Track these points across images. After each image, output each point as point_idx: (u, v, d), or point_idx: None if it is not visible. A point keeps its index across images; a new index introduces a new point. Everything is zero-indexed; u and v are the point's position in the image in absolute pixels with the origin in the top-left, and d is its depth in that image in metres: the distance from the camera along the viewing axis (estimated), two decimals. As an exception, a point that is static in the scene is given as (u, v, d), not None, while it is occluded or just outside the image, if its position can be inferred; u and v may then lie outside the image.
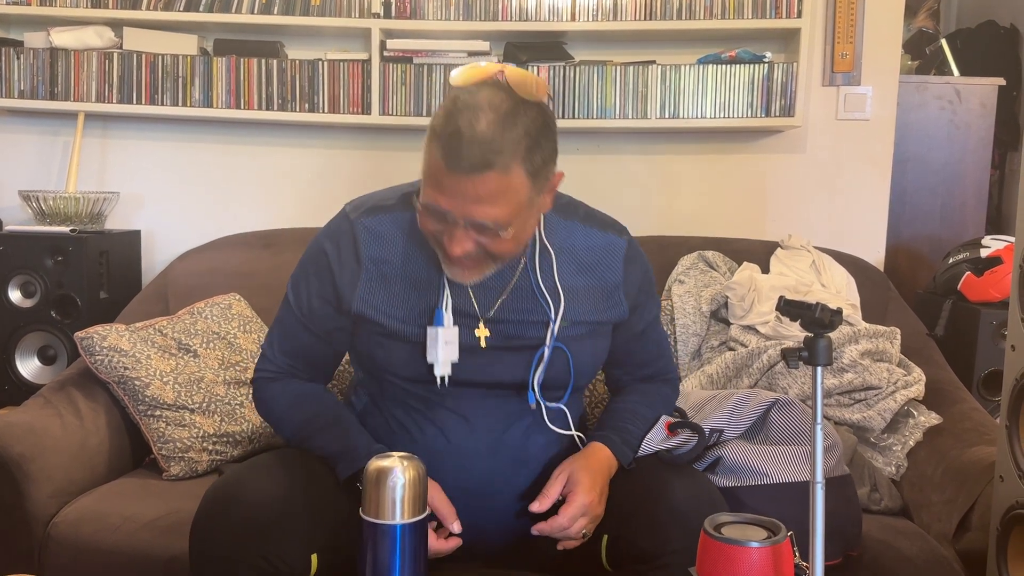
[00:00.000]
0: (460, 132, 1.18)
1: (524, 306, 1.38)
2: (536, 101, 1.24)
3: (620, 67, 2.35)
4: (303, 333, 1.44)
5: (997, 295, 2.23)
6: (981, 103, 2.90)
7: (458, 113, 1.19)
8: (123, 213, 2.56)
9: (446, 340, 1.34)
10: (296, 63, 2.39)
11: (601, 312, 1.43)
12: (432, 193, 1.23)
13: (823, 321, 1.02)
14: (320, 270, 1.41)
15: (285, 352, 1.46)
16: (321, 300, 1.41)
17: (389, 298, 1.37)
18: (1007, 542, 1.44)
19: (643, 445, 1.46)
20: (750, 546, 1.00)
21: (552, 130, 1.26)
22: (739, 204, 2.53)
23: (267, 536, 1.25)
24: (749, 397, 1.62)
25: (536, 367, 1.37)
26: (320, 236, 1.44)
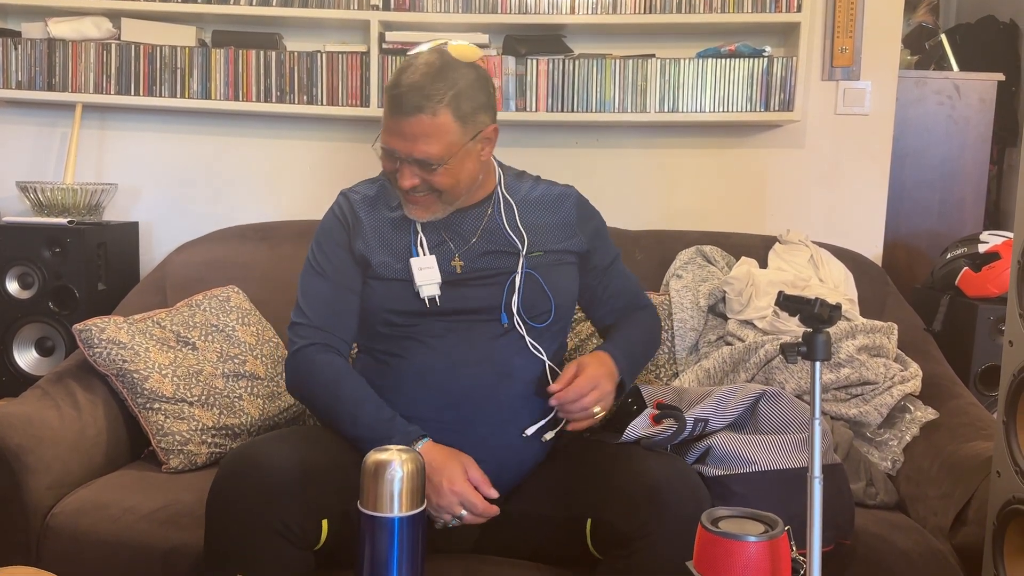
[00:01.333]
0: (399, 84, 1.46)
1: (494, 243, 1.59)
2: (468, 62, 1.50)
3: (619, 60, 2.34)
4: (331, 288, 1.59)
5: (995, 290, 2.24)
6: (980, 98, 2.90)
7: (400, 71, 1.48)
8: (121, 205, 2.56)
9: (421, 267, 1.55)
10: (295, 55, 2.39)
11: (562, 241, 1.64)
12: (384, 137, 1.50)
13: (822, 316, 1.02)
14: (333, 230, 1.63)
15: (319, 315, 1.57)
16: (341, 250, 1.60)
17: (379, 246, 1.58)
18: (1003, 537, 1.45)
19: (628, 431, 1.53)
20: (747, 540, 1.01)
21: (484, 87, 1.52)
22: (737, 198, 2.53)
23: (281, 500, 1.32)
24: (736, 389, 1.63)
25: (509, 289, 1.56)
26: (326, 213, 1.68)
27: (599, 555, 1.40)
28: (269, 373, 2.04)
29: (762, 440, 1.56)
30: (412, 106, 1.44)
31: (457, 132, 1.48)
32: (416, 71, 1.46)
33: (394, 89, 1.47)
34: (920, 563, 1.56)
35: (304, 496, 1.34)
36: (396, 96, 1.46)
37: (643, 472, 1.40)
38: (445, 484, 1.39)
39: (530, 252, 1.59)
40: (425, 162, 1.47)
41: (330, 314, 1.58)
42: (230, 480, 1.36)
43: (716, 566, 1.01)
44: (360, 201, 1.64)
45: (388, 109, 1.48)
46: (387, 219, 1.61)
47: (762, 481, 1.51)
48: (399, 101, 1.45)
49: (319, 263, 1.61)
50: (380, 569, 1.12)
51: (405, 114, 1.45)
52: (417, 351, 1.54)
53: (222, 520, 1.35)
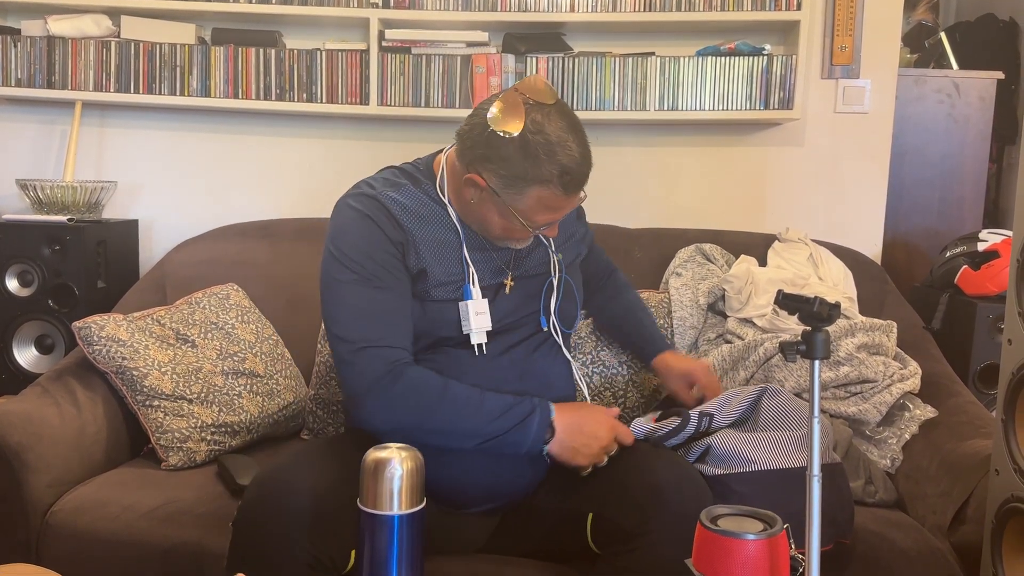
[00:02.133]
0: (568, 168, 1.38)
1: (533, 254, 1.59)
2: (553, 98, 1.41)
3: (619, 59, 2.34)
4: (394, 300, 1.44)
5: (994, 289, 2.24)
6: (980, 96, 2.90)
7: (552, 155, 1.36)
8: (121, 202, 2.56)
9: (477, 311, 1.48)
10: (294, 53, 2.39)
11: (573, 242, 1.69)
12: (548, 216, 1.43)
13: (821, 315, 1.02)
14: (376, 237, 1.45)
15: (391, 331, 1.42)
16: (393, 259, 1.46)
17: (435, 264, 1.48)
18: (1002, 535, 1.45)
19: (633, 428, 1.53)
20: (746, 538, 1.01)
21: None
22: (737, 197, 2.53)
23: (314, 530, 1.28)
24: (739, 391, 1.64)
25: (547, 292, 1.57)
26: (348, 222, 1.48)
27: (599, 551, 1.41)
28: (268, 371, 2.04)
29: (762, 439, 1.56)
30: (587, 176, 1.42)
31: None
32: (569, 146, 1.37)
33: (565, 177, 1.37)
34: (919, 561, 1.56)
35: (330, 526, 1.30)
36: (571, 181, 1.39)
37: (646, 470, 1.40)
38: (603, 431, 1.45)
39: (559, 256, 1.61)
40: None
41: (402, 329, 1.45)
42: (258, 505, 1.31)
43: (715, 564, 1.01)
44: (399, 209, 1.48)
45: (562, 195, 1.39)
46: (434, 233, 1.50)
47: (762, 480, 1.51)
48: (576, 183, 1.40)
49: (372, 272, 1.43)
50: (380, 567, 1.12)
51: (583, 185, 1.42)
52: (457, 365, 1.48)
53: (249, 543, 1.31)
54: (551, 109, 1.39)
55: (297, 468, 1.35)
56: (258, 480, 1.35)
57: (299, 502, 1.29)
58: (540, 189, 1.38)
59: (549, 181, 1.37)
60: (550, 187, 1.38)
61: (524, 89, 1.39)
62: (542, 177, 1.37)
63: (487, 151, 1.39)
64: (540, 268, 1.59)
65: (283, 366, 2.09)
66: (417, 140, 2.51)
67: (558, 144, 1.36)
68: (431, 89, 2.36)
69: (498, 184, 1.40)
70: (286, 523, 1.28)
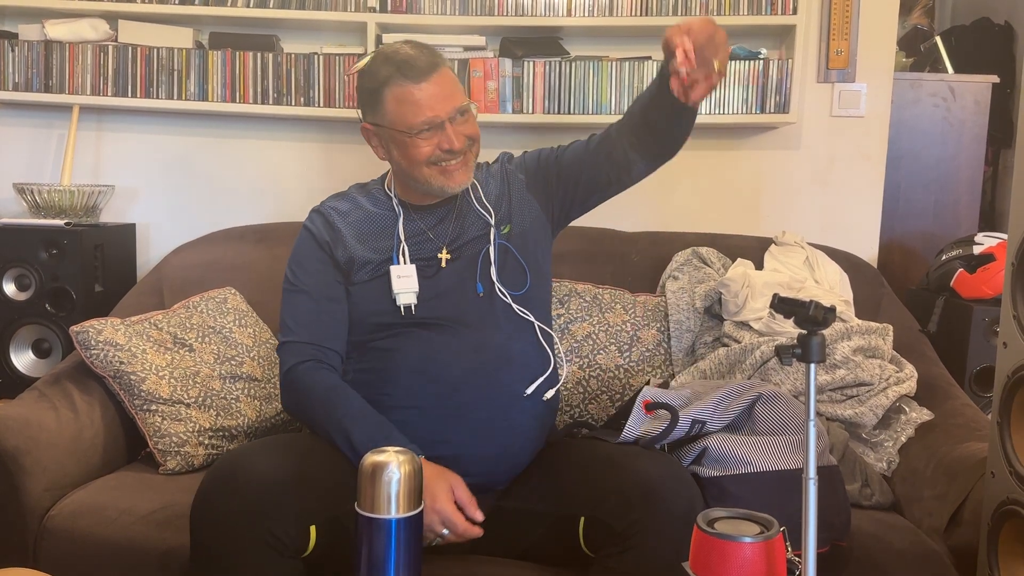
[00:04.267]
0: (404, 58, 1.51)
1: (472, 227, 1.63)
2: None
3: (616, 63, 2.35)
4: (314, 302, 1.60)
5: (990, 292, 2.25)
6: (975, 100, 2.91)
7: (388, 56, 1.53)
8: (118, 206, 2.56)
9: (400, 275, 1.57)
10: (292, 57, 2.39)
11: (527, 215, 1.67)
12: (416, 113, 1.51)
13: (817, 318, 1.02)
14: (308, 246, 1.65)
15: (306, 330, 1.58)
16: (320, 264, 1.62)
17: (363, 249, 1.61)
18: (998, 537, 1.46)
19: (626, 431, 1.54)
20: (743, 541, 1.01)
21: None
22: (733, 200, 2.54)
23: (267, 509, 1.32)
24: (736, 392, 1.64)
25: (484, 262, 1.59)
26: (299, 235, 1.69)
27: (591, 553, 1.41)
28: (266, 375, 2.04)
29: (758, 441, 1.56)
30: (429, 64, 1.51)
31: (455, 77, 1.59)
32: (400, 49, 1.53)
33: (405, 64, 1.50)
34: (915, 563, 1.57)
35: (290, 504, 1.33)
36: (408, 68, 1.50)
37: (637, 471, 1.40)
38: (428, 502, 1.38)
39: (500, 226, 1.64)
40: (464, 108, 1.54)
41: (317, 327, 1.58)
42: (214, 490, 1.35)
43: (712, 567, 1.02)
44: (335, 214, 1.65)
45: (409, 82, 1.50)
46: (364, 225, 1.64)
47: (758, 482, 1.52)
48: (415, 68, 1.50)
49: (298, 280, 1.62)
50: (377, 571, 1.13)
51: (428, 72, 1.50)
52: (408, 343, 1.55)
53: (208, 530, 1.34)
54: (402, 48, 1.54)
55: (250, 454, 1.40)
56: (212, 468, 1.40)
57: (251, 485, 1.33)
58: (387, 90, 1.51)
59: (390, 78, 1.51)
60: (392, 83, 1.50)
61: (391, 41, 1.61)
62: (384, 81, 1.51)
63: (358, 98, 1.61)
64: (479, 240, 1.62)
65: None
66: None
67: (390, 51, 1.54)
68: (428, 93, 2.36)
69: (367, 114, 1.58)
70: (243, 503, 1.31)
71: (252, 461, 1.37)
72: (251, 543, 1.31)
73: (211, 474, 1.38)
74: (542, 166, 1.71)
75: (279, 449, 1.44)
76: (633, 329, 2.07)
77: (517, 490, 1.55)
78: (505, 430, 1.53)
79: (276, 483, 1.34)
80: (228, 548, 1.32)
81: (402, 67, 1.50)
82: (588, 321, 2.08)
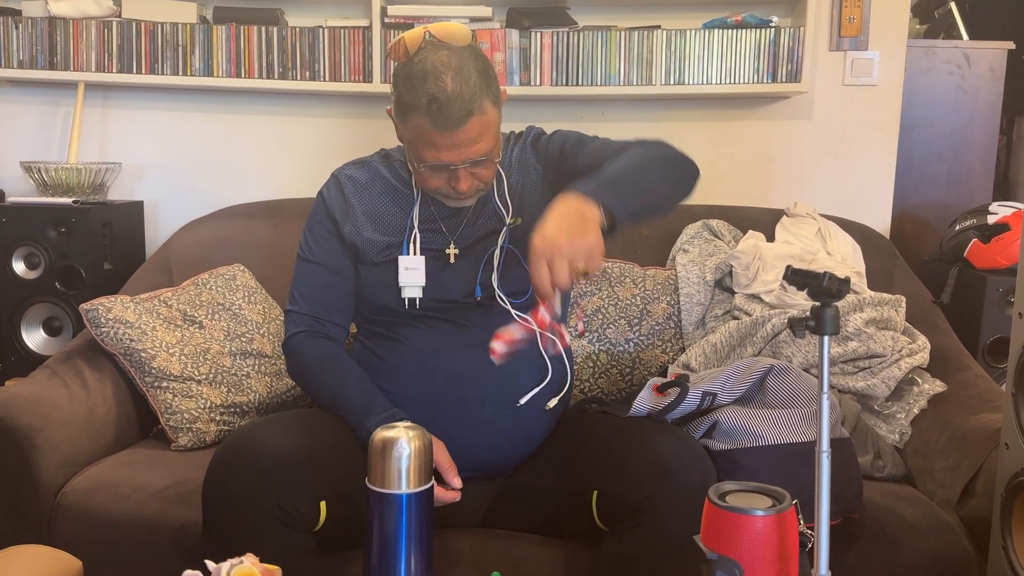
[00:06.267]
0: (436, 98, 1.37)
1: (486, 222, 1.57)
2: (468, 45, 1.44)
3: (624, 32, 2.32)
4: (320, 273, 1.59)
5: (1004, 262, 2.22)
6: (990, 67, 2.87)
7: (422, 83, 1.39)
8: (125, 184, 2.56)
9: (407, 267, 1.54)
10: (296, 31, 2.37)
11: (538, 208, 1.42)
12: (430, 153, 1.43)
13: (830, 290, 1.01)
14: (320, 214, 1.62)
15: (309, 302, 1.58)
16: (328, 234, 1.60)
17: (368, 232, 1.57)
18: (1011, 509, 1.45)
19: (636, 405, 1.53)
20: (755, 515, 1.00)
21: (485, 56, 1.47)
22: (744, 172, 2.51)
23: (279, 484, 1.32)
24: (746, 365, 1.63)
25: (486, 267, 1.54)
26: (317, 195, 1.66)
27: (605, 527, 1.41)
28: (276, 351, 2.04)
29: (769, 414, 1.56)
30: (462, 115, 1.38)
31: (497, 115, 1.46)
32: (443, 77, 1.37)
33: (432, 106, 1.37)
34: (928, 535, 1.56)
35: (299, 479, 1.34)
36: (438, 112, 1.37)
37: (650, 445, 1.40)
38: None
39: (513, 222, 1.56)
40: (483, 158, 1.44)
41: (321, 299, 1.58)
42: (225, 464, 1.36)
43: (723, 540, 1.01)
44: (351, 185, 1.61)
45: (433, 127, 1.39)
46: (379, 203, 1.59)
47: (769, 455, 1.51)
48: (445, 116, 1.37)
49: (309, 249, 1.61)
50: (389, 546, 1.13)
51: (455, 125, 1.38)
52: (414, 334, 1.54)
53: (218, 505, 1.35)
54: (448, 48, 1.41)
55: (260, 429, 1.40)
56: (223, 443, 1.40)
57: (263, 458, 1.33)
58: (415, 117, 1.40)
59: (419, 108, 1.39)
60: (422, 116, 1.39)
61: (436, 29, 1.43)
62: (415, 103, 1.39)
63: (392, 80, 1.48)
64: (489, 238, 1.56)
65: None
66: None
67: (432, 73, 1.38)
68: (435, 66, 2.34)
69: (395, 112, 1.47)
70: (253, 478, 1.32)
71: (263, 436, 1.37)
72: (262, 517, 1.31)
73: (222, 449, 1.39)
74: (562, 161, 1.58)
75: (290, 424, 1.44)
76: (643, 303, 2.06)
77: (529, 466, 1.55)
78: (508, 429, 1.51)
79: (286, 458, 1.34)
80: (239, 522, 1.32)
81: (432, 108, 1.37)
82: (598, 295, 2.07)
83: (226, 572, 1.02)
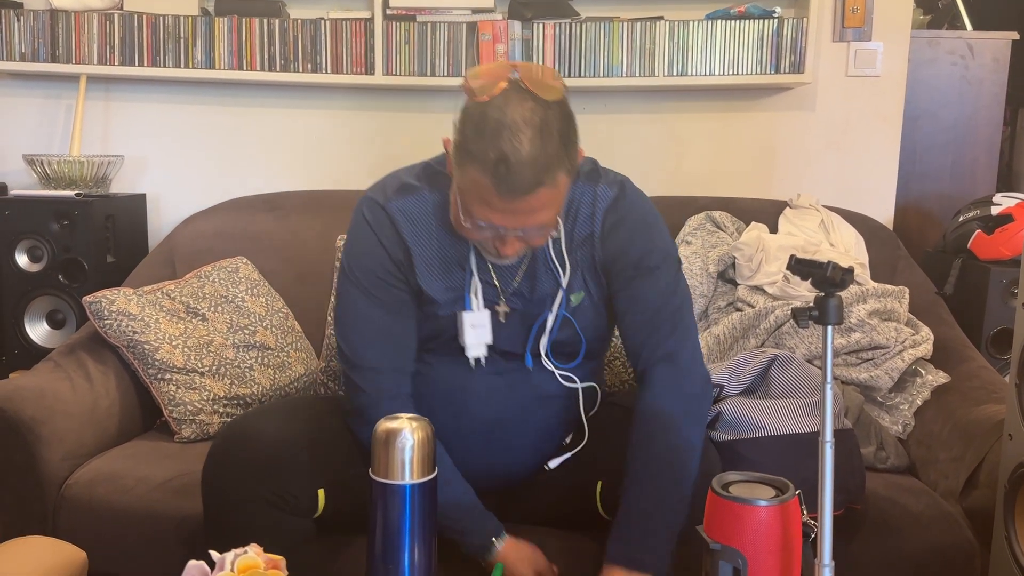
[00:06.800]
0: (507, 158, 1.18)
1: (540, 279, 1.42)
2: (558, 95, 1.24)
3: (627, 23, 2.31)
4: (389, 320, 1.40)
5: (1008, 253, 2.22)
6: (994, 58, 2.85)
7: (497, 136, 1.20)
8: (128, 176, 2.55)
9: (473, 324, 1.39)
10: (298, 23, 2.36)
11: (596, 288, 1.43)
12: (483, 212, 1.25)
13: (834, 280, 1.01)
14: (377, 254, 1.40)
15: (378, 353, 1.41)
16: (393, 279, 1.40)
17: (429, 278, 1.41)
18: (1015, 500, 1.45)
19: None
20: (758, 505, 1.01)
21: (572, 117, 1.27)
22: (747, 163, 2.51)
23: (277, 472, 1.32)
24: (751, 356, 1.63)
25: (537, 332, 1.42)
26: (356, 230, 1.43)
27: (609, 517, 1.41)
28: (279, 343, 2.04)
29: (773, 405, 1.56)
30: (531, 184, 1.20)
31: (568, 184, 1.29)
32: (520, 136, 1.19)
33: (500, 167, 1.19)
34: (931, 526, 1.56)
35: (298, 467, 1.34)
36: (505, 175, 1.19)
37: None
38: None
39: (571, 293, 1.42)
40: (539, 230, 1.29)
41: (395, 352, 1.41)
42: (223, 455, 1.36)
43: (726, 530, 1.01)
44: (405, 221, 1.40)
45: (494, 188, 1.21)
46: (436, 246, 1.41)
47: (772, 446, 1.51)
48: (511, 182, 1.19)
49: (369, 289, 1.40)
50: (392, 536, 1.13)
51: (520, 194, 1.20)
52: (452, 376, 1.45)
53: (218, 494, 1.36)
54: (534, 99, 1.22)
55: (259, 417, 1.40)
56: (220, 434, 1.40)
57: (260, 447, 1.33)
58: (475, 169, 1.21)
59: (484, 162, 1.20)
60: (484, 171, 1.20)
61: (525, 72, 1.24)
62: (479, 154, 1.20)
63: (460, 113, 1.28)
64: (542, 301, 1.42)
65: (294, 339, 2.09)
66: (423, 110, 2.49)
67: (509, 128, 1.19)
68: (436, 57, 2.34)
69: (453, 150, 1.28)
70: (248, 468, 1.32)
71: (260, 425, 1.38)
72: (261, 505, 1.32)
73: (219, 439, 1.39)
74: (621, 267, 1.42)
75: (287, 412, 1.44)
76: (646, 294, 2.05)
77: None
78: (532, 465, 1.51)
79: (284, 446, 1.34)
80: (239, 511, 1.33)
81: (499, 169, 1.19)
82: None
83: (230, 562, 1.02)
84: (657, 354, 1.39)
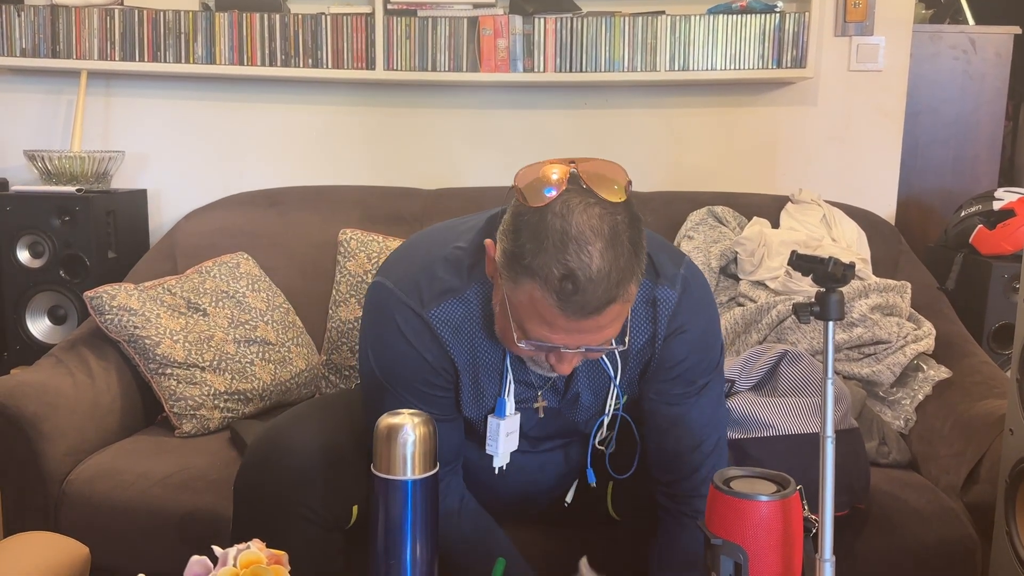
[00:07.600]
0: (574, 275, 1.03)
1: (585, 373, 1.30)
2: (624, 200, 1.08)
3: (628, 18, 2.30)
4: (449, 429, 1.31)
5: (1009, 248, 2.21)
6: (996, 53, 2.85)
7: (561, 249, 1.03)
8: (129, 172, 2.55)
9: (507, 431, 1.30)
10: (299, 18, 2.36)
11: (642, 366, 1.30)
12: (542, 331, 1.09)
13: (836, 275, 1.00)
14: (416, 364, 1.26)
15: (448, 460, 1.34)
16: (430, 382, 1.28)
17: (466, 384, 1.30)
18: (1016, 495, 1.45)
19: None
20: (759, 500, 1.00)
21: (639, 219, 1.11)
22: (749, 158, 2.50)
23: (312, 488, 1.30)
24: (761, 351, 1.63)
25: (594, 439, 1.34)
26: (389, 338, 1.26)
27: (619, 518, 1.41)
28: (280, 338, 2.04)
29: (780, 404, 1.55)
30: (602, 302, 1.04)
31: (636, 293, 1.12)
32: (589, 249, 1.03)
33: (567, 284, 1.03)
34: (932, 521, 1.56)
35: (330, 483, 1.32)
36: (572, 294, 1.03)
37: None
38: None
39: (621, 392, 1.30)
40: (601, 348, 1.13)
41: (455, 455, 1.35)
42: (257, 468, 1.34)
43: (728, 525, 1.01)
44: (448, 332, 1.24)
45: (558, 308, 1.04)
46: (474, 357, 1.27)
47: (779, 445, 1.51)
48: (580, 301, 1.04)
49: (416, 393, 1.27)
50: (395, 532, 1.13)
51: (589, 313, 1.05)
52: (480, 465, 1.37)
53: (250, 504, 1.34)
54: (601, 204, 1.06)
55: (294, 427, 1.37)
56: (256, 442, 1.37)
57: (297, 460, 1.31)
58: (534, 286, 1.05)
59: (546, 279, 1.03)
60: (546, 288, 1.04)
61: (587, 168, 1.08)
62: (540, 269, 1.04)
63: (508, 214, 1.10)
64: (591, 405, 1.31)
65: (295, 334, 2.09)
66: (424, 105, 2.49)
67: (576, 240, 1.03)
68: (438, 52, 2.33)
69: (501, 259, 1.10)
70: (286, 482, 1.30)
71: (292, 438, 1.34)
72: (291, 519, 1.30)
73: (253, 450, 1.36)
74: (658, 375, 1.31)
75: (318, 421, 1.39)
76: (647, 289, 2.05)
77: None
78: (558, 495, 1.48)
79: (315, 461, 1.31)
80: (271, 521, 1.31)
81: (566, 287, 1.03)
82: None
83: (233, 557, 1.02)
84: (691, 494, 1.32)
